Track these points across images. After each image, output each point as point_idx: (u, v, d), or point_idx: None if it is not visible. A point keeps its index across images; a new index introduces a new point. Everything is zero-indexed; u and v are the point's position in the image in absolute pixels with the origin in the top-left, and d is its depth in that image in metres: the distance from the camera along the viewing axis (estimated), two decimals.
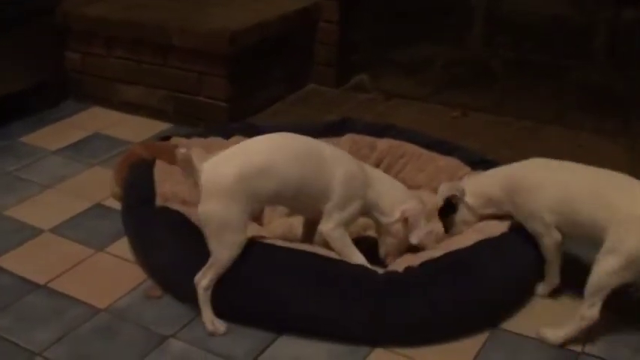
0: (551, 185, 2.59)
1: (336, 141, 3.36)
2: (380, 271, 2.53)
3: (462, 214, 2.77)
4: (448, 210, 2.76)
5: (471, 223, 2.78)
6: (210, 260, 2.45)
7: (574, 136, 3.74)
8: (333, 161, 2.57)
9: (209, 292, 2.47)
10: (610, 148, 3.60)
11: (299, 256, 2.52)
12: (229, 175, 2.41)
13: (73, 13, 4.20)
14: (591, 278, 2.44)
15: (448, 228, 2.80)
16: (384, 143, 3.32)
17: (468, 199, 2.74)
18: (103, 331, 2.50)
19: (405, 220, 2.64)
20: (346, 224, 2.62)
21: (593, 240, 2.47)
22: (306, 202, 2.59)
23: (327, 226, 2.57)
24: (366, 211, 2.67)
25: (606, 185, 2.52)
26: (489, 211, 2.75)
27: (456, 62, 4.32)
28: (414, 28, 4.34)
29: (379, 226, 2.71)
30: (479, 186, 2.76)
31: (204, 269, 2.45)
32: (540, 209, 2.58)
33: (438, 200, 2.75)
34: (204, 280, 2.46)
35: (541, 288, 2.71)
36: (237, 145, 2.60)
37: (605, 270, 2.41)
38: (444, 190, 2.73)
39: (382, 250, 2.72)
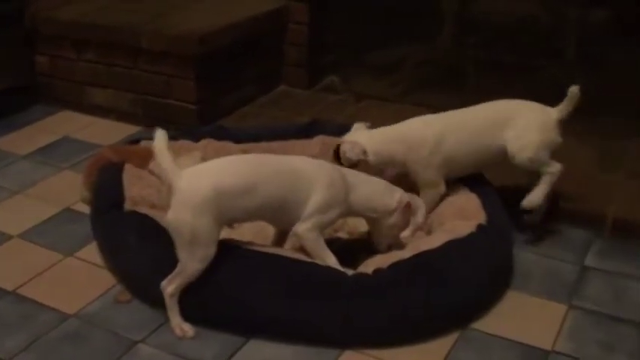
0: (444, 130, 2.94)
1: (306, 143, 3.36)
2: (349, 272, 2.53)
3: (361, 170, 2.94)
4: None
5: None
6: (178, 269, 2.44)
7: None
8: (312, 175, 2.58)
9: (175, 298, 2.47)
10: (580, 147, 3.60)
11: (268, 260, 2.52)
12: (206, 188, 2.39)
13: (42, 17, 4.18)
14: (527, 160, 2.89)
15: None
16: None
17: (370, 157, 2.91)
18: (73, 337, 2.48)
19: (405, 207, 2.70)
20: (322, 228, 2.63)
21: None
22: (283, 217, 2.59)
23: (303, 227, 2.57)
24: (355, 214, 2.72)
25: (493, 111, 2.99)
26: (385, 166, 2.96)
27: (426, 63, 4.33)
28: (385, 30, 4.35)
29: (375, 224, 2.75)
30: (377, 145, 2.93)
31: (170, 276, 2.45)
32: (435, 160, 2.91)
33: (345, 164, 2.88)
34: (170, 286, 2.45)
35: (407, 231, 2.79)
36: (218, 159, 2.61)
37: (528, 152, 2.88)
38: (351, 155, 2.88)
39: (383, 246, 2.77)
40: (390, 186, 2.76)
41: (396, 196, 2.72)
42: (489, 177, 3.05)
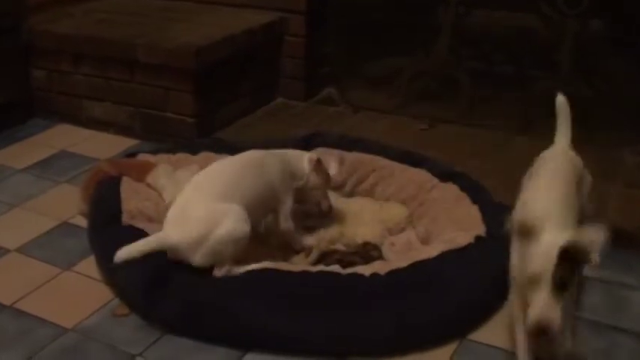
0: None
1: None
2: (343, 272, 2.56)
3: None
4: None
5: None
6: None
7: (541, 146, 3.75)
8: (270, 164, 2.80)
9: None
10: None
11: (261, 274, 2.53)
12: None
13: (39, 31, 4.18)
14: None
15: None
16: (353, 156, 3.33)
17: None
18: (70, 351, 2.48)
19: (316, 166, 2.89)
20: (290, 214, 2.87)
21: None
22: (267, 205, 2.81)
23: (283, 225, 2.85)
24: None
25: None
26: None
27: (423, 75, 4.34)
28: (381, 42, 4.36)
29: (301, 195, 2.97)
30: None
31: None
32: None
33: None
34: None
35: None
36: (201, 172, 2.77)
37: None
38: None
39: (316, 206, 3.04)
40: (297, 152, 2.97)
41: (305, 158, 2.91)
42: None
